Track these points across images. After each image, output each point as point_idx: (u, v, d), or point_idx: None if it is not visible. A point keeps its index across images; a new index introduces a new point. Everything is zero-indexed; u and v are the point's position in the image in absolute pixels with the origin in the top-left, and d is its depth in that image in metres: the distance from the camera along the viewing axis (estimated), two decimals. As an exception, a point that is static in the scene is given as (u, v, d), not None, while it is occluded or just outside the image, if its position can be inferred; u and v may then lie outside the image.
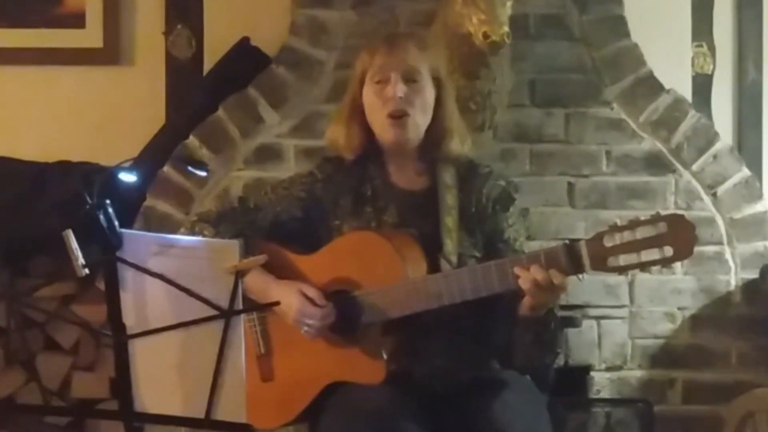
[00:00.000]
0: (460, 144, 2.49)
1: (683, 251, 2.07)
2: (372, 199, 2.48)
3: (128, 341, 2.04)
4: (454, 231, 2.41)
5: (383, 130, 2.44)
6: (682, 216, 2.10)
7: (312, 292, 2.38)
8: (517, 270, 2.18)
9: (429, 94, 2.44)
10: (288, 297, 2.37)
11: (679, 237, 2.07)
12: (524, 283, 2.17)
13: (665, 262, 2.08)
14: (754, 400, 3.16)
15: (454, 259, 2.38)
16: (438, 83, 2.46)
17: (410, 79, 2.41)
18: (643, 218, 2.10)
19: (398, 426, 2.19)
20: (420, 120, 2.43)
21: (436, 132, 2.47)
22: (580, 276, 2.18)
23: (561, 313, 2.51)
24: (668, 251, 2.07)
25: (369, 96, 2.45)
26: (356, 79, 2.48)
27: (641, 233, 2.08)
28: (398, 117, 2.40)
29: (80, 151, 3.53)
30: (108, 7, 3.69)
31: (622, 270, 2.12)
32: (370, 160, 2.50)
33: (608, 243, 2.11)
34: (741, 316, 3.41)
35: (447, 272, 2.33)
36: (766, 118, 3.70)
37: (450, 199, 2.44)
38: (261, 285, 2.40)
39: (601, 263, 2.13)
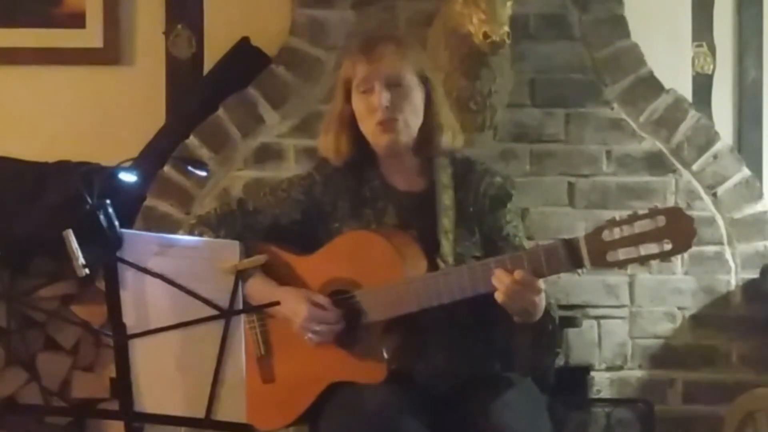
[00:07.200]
0: (452, 138, 2.49)
1: (682, 244, 2.07)
2: (371, 200, 2.48)
3: (128, 341, 2.04)
4: (450, 232, 2.41)
5: (375, 138, 2.44)
6: (680, 209, 2.10)
7: (320, 299, 2.38)
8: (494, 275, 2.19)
9: (416, 94, 2.44)
10: (295, 303, 2.37)
11: (678, 230, 2.06)
12: (495, 289, 2.18)
13: (664, 256, 2.08)
14: (754, 400, 3.16)
15: (450, 260, 2.38)
16: (424, 81, 2.46)
17: (394, 84, 2.41)
18: (641, 212, 2.09)
19: (399, 426, 2.19)
20: (411, 122, 2.43)
21: (428, 129, 2.46)
22: (580, 271, 2.18)
23: (561, 313, 2.49)
24: (667, 245, 2.07)
25: (357, 105, 2.45)
26: (341, 87, 2.49)
27: (640, 227, 2.08)
28: (387, 124, 2.41)
29: (80, 151, 3.52)
30: (108, 7, 3.68)
31: (621, 264, 2.11)
32: (367, 163, 2.50)
33: (607, 238, 2.11)
34: (741, 316, 3.40)
35: (446, 270, 2.33)
36: (766, 118, 3.70)
37: (447, 199, 2.44)
38: (264, 291, 2.39)
39: (600, 258, 2.12)
